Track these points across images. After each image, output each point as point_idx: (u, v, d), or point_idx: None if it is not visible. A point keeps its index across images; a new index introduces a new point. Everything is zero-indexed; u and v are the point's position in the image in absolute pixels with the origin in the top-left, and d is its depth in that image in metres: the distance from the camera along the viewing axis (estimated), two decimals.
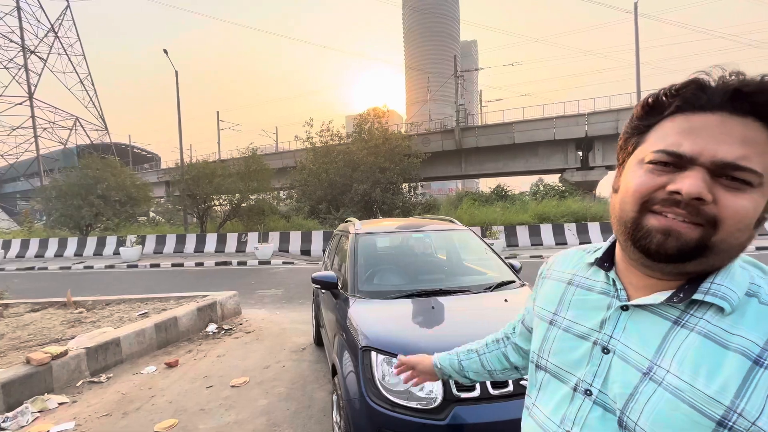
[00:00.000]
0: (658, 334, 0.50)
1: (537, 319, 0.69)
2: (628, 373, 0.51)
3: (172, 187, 18.00)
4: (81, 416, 2.77)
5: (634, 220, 0.49)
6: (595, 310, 0.58)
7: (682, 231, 0.45)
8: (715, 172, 0.45)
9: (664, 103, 0.49)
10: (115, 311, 5.01)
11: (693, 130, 0.46)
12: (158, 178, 31.77)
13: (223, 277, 9.66)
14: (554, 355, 0.62)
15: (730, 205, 0.44)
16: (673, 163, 0.47)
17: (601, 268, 0.60)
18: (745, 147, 0.44)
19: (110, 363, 3.62)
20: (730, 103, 0.45)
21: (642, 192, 0.48)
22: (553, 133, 24.37)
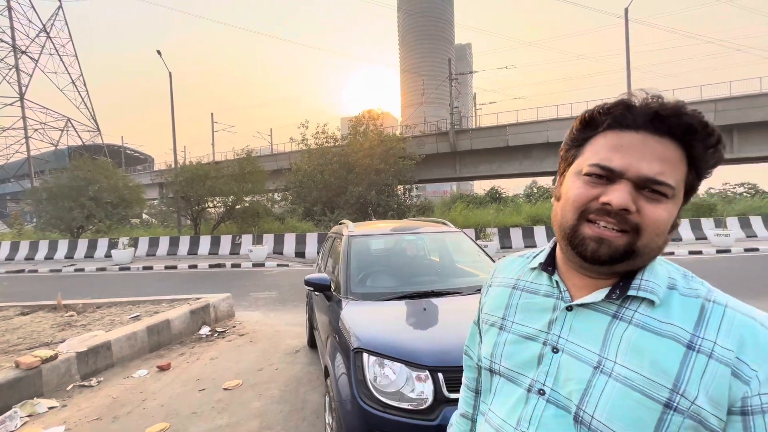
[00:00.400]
0: (600, 328, 0.54)
1: (486, 325, 0.70)
2: (580, 369, 0.54)
3: (165, 189, 17.85)
4: (71, 420, 2.75)
5: (572, 228, 0.55)
6: (542, 312, 0.61)
7: (612, 239, 0.52)
8: (639, 185, 0.51)
9: (597, 119, 0.55)
10: (106, 314, 4.96)
11: (621, 147, 0.52)
12: (151, 179, 31.52)
13: (217, 280, 9.60)
14: (506, 359, 0.63)
15: (650, 215, 0.51)
16: (605, 176, 0.53)
17: (545, 272, 0.64)
18: (662, 164, 0.51)
19: (101, 367, 3.59)
20: (651, 124, 0.51)
21: (580, 202, 0.54)
22: (546, 135, 24.60)
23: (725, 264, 9.03)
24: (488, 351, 0.67)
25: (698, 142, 0.51)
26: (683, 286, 0.54)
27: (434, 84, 66.80)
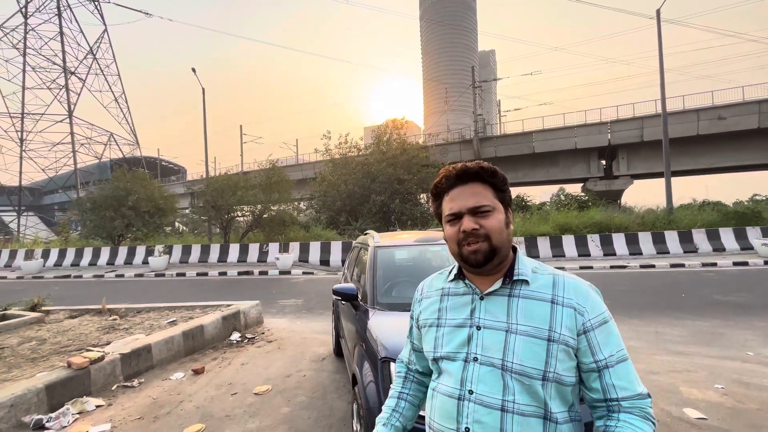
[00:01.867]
0: (503, 305, 0.85)
1: (425, 328, 0.95)
2: (498, 335, 0.82)
3: (196, 199, 18.68)
4: (116, 419, 2.94)
5: (458, 253, 0.87)
6: (465, 306, 0.89)
7: (478, 248, 0.83)
8: (472, 213, 0.85)
9: (438, 191, 0.93)
10: (145, 319, 5.26)
11: (453, 199, 0.88)
12: (185, 189, 33.05)
13: (246, 287, 9.92)
14: (446, 345, 0.88)
15: (487, 224, 0.84)
16: (455, 217, 0.87)
17: (460, 280, 0.93)
18: (476, 196, 0.86)
19: (142, 368, 3.81)
20: (459, 180, 0.88)
21: (453, 237, 0.87)
22: (574, 141, 23.95)
23: None
24: (431, 345, 0.91)
25: (485, 176, 0.87)
26: (540, 269, 0.88)
27: (458, 92, 66.59)
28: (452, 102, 64.66)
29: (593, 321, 0.80)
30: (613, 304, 6.27)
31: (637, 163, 23.68)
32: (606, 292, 6.75)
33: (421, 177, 18.28)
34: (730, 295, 6.61)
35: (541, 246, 13.21)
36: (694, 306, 6.00)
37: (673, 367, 3.63)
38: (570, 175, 25.69)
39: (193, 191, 19.35)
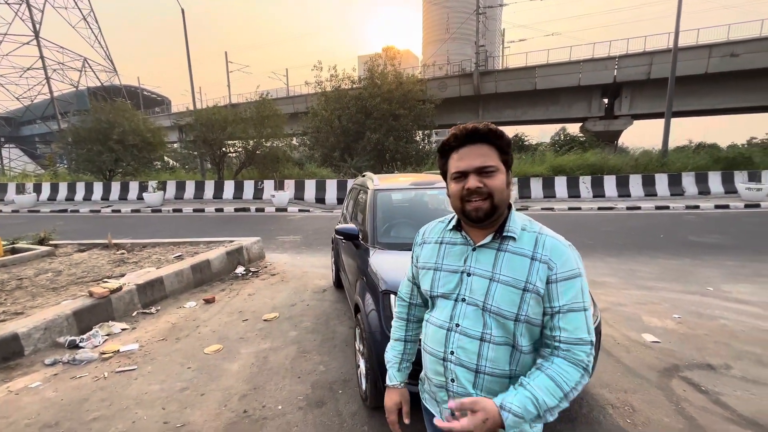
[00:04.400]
0: (491, 257, 0.97)
1: (424, 270, 1.07)
2: (483, 282, 0.95)
3: (185, 133, 18.07)
4: (142, 339, 3.29)
5: (460, 209, 0.96)
6: (460, 255, 1.01)
7: (481, 205, 0.92)
8: (478, 172, 0.93)
9: (445, 149, 0.99)
10: (152, 253, 5.51)
11: (461, 158, 0.95)
12: (171, 122, 31.75)
13: (244, 223, 10.18)
14: (442, 286, 1.02)
15: (491, 184, 0.92)
16: (461, 175, 0.95)
17: (457, 231, 1.03)
18: (482, 157, 0.93)
19: (157, 298, 4.13)
20: (468, 140, 0.94)
21: (457, 194, 0.96)
22: (578, 78, 22.94)
23: (750, 219, 8.87)
24: (428, 285, 1.05)
25: (492, 139, 0.94)
26: (528, 227, 0.98)
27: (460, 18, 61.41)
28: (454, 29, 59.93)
29: (559, 275, 0.90)
30: (596, 243, 6.67)
31: (640, 102, 23.05)
32: (591, 232, 7.08)
33: (417, 113, 17.73)
34: (705, 237, 7.04)
35: (534, 187, 13.45)
36: (670, 246, 6.42)
37: (639, 300, 4.05)
38: (570, 114, 25.06)
39: (181, 125, 18.62)
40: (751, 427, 2.11)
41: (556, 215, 10.39)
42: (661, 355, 2.90)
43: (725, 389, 2.46)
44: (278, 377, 2.70)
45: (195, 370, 2.80)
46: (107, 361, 2.95)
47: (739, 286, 4.38)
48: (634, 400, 2.37)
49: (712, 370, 2.69)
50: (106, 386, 2.61)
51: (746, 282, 4.52)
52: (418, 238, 1.14)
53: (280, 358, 2.97)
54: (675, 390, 2.47)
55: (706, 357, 2.86)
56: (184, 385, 2.61)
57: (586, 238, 7.14)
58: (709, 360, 2.82)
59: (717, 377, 2.60)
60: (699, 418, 2.19)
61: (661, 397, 2.40)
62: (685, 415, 2.23)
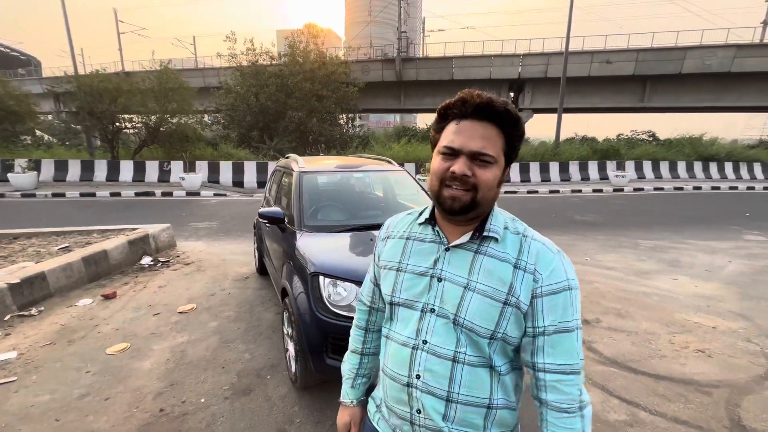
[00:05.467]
0: (467, 261, 0.79)
1: (385, 270, 0.89)
2: (456, 290, 0.78)
3: (63, 103, 15.11)
4: (21, 346, 2.79)
5: (437, 192, 0.78)
6: (429, 254, 0.83)
7: (460, 196, 0.75)
8: (471, 157, 0.74)
9: (446, 113, 0.79)
10: (27, 245, 4.62)
11: (458, 132, 0.76)
12: (44, 88, 26.23)
13: (149, 209, 9.06)
14: (404, 291, 0.84)
15: (481, 176, 0.74)
16: (451, 153, 0.76)
17: (429, 225, 0.86)
18: (484, 141, 0.74)
19: (38, 297, 3.50)
20: (476, 113, 0.75)
21: (439, 173, 0.77)
22: (489, 71, 24.86)
23: (616, 201, 10.80)
24: (389, 289, 0.86)
25: (506, 123, 0.75)
26: (512, 227, 0.81)
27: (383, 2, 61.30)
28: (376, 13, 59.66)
29: (545, 288, 0.75)
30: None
31: (539, 98, 25.98)
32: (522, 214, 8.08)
33: (341, 95, 17.44)
34: (586, 216, 8.39)
35: None
36: (560, 224, 7.52)
37: None
38: None
39: (58, 92, 15.50)
40: (612, 365, 2.66)
41: None
42: None
43: (596, 338, 3.04)
44: (198, 370, 2.55)
45: (96, 374, 2.49)
46: None
47: (607, 256, 5.35)
48: None
49: (587, 324, 3.28)
50: None
51: (613, 252, 5.54)
52: (382, 233, 0.96)
53: (200, 350, 2.79)
54: None
55: (584, 314, 3.48)
56: (84, 392, 2.31)
57: None
58: (586, 316, 3.43)
59: (590, 329, 3.19)
60: None
61: None
62: None
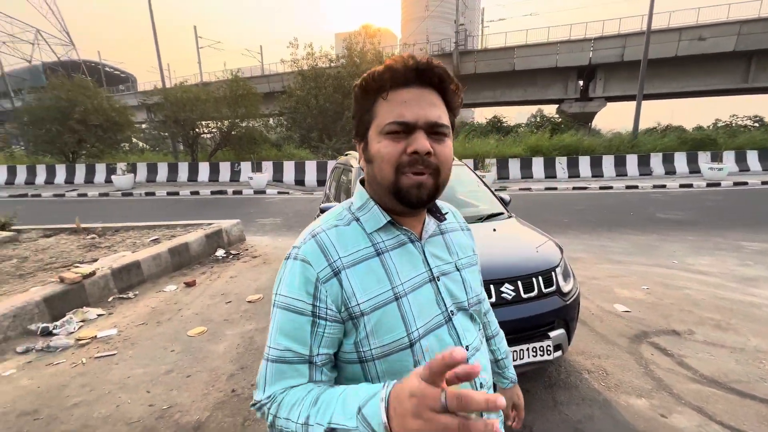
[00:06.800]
0: (442, 244, 0.74)
1: (377, 312, 0.62)
2: (455, 277, 0.72)
3: (154, 113, 17.14)
4: (120, 325, 3.20)
5: (393, 183, 0.62)
6: (414, 258, 0.68)
7: (425, 181, 0.61)
8: (428, 131, 0.61)
9: (374, 85, 0.62)
10: (126, 237, 5.30)
11: (406, 102, 0.60)
12: (138, 101, 30.05)
13: (221, 206, 9.91)
14: (421, 318, 0.64)
15: (441, 153, 0.62)
16: (404, 129, 0.60)
17: (394, 226, 0.68)
18: (437, 109, 0.62)
19: (134, 282, 3.99)
20: (418, 79, 0.61)
21: (393, 158, 0.61)
22: (555, 59, 23.21)
23: (711, 197, 9.41)
24: (398, 330, 0.62)
25: (448, 89, 0.63)
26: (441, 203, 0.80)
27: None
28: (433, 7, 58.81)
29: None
30: (571, 222, 6.91)
31: (614, 85, 23.64)
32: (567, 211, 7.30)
33: None
34: (670, 214, 7.43)
35: (512, 167, 13.69)
36: (639, 223, 6.74)
37: (611, 273, 4.27)
38: (546, 95, 25.44)
39: (149, 104, 17.62)
40: (711, 385, 2.30)
41: (534, 195, 10.66)
42: (632, 323, 3.09)
43: (688, 352, 2.66)
44: None
45: (179, 353, 2.76)
46: (84, 347, 2.85)
47: (700, 259, 4.67)
48: (607, 364, 2.53)
49: (677, 336, 2.88)
50: (86, 372, 2.53)
51: (707, 255, 4.83)
52: (322, 268, 0.61)
53: (266, 338, 2.96)
54: (644, 354, 2.64)
55: (672, 324, 3.07)
56: (169, 368, 2.57)
57: (562, 216, 7.39)
58: (675, 326, 3.02)
59: (681, 342, 2.80)
60: (665, 378, 2.37)
61: (631, 361, 2.57)
62: (653, 376, 2.39)
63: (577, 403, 2.16)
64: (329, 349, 0.62)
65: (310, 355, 0.60)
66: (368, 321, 0.61)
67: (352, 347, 0.63)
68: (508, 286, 1.96)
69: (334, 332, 0.62)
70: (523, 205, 8.50)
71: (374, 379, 0.63)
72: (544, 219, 6.99)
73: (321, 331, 0.61)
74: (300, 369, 0.60)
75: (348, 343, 0.63)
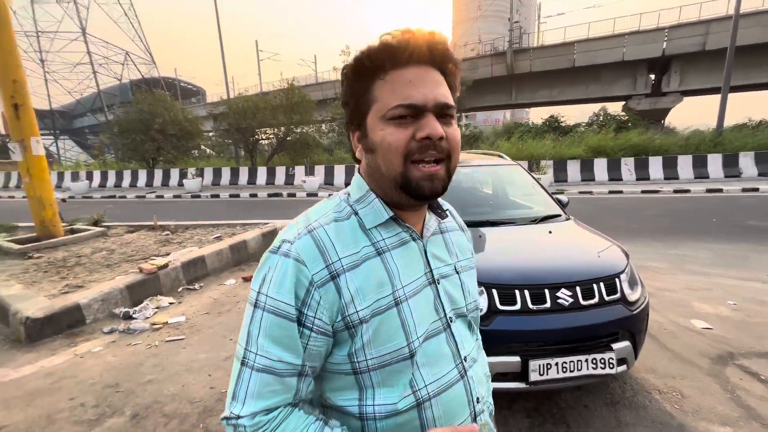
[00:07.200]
0: (442, 244, 0.69)
1: (377, 318, 0.56)
2: (455, 280, 0.67)
3: (219, 122, 18.69)
4: (188, 313, 3.50)
5: (402, 174, 0.55)
6: (415, 257, 0.62)
7: (437, 171, 0.55)
8: (437, 113, 0.55)
9: (369, 66, 0.55)
10: (194, 234, 5.80)
11: (411, 83, 0.54)
12: (206, 112, 32.90)
13: (277, 208, 10.47)
14: (421, 325, 0.59)
15: (452, 137, 0.56)
16: (410, 114, 0.54)
17: (395, 222, 0.61)
18: (444, 88, 0.56)
19: (200, 275, 4.36)
20: (419, 57, 0.55)
21: (401, 147, 0.54)
22: (622, 53, 21.40)
23: None
24: (401, 339, 0.57)
25: (448, 67, 0.58)
26: None
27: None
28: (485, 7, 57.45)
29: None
30: (640, 228, 6.31)
31: (692, 77, 21.22)
32: (634, 216, 6.71)
33: None
34: (765, 221, 6.46)
35: (571, 169, 12.84)
36: (724, 231, 5.95)
37: (689, 286, 3.80)
38: (611, 92, 23.52)
39: (215, 114, 19.24)
40: None
41: (595, 199, 9.89)
42: (714, 342, 2.72)
43: None
44: None
45: (237, 342, 2.94)
46: (158, 331, 3.16)
47: None
48: (683, 386, 2.25)
49: None
50: (158, 353, 2.80)
51: None
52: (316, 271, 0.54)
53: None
54: (730, 378, 2.31)
55: (767, 345, 2.65)
56: (228, 355, 2.75)
57: (629, 222, 6.76)
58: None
59: None
60: (758, 407, 2.05)
61: (713, 384, 2.26)
62: (742, 404, 2.09)
63: (645, 425, 1.95)
64: (314, 363, 0.56)
65: (302, 364, 0.54)
66: (366, 329, 0.55)
67: (345, 358, 0.56)
68: (565, 292, 1.83)
69: (318, 345, 0.55)
70: (584, 208, 7.92)
71: (368, 389, 0.57)
72: (609, 224, 6.45)
73: (305, 342, 0.54)
74: (288, 382, 0.54)
75: (340, 354, 0.56)
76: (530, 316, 1.81)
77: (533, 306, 1.82)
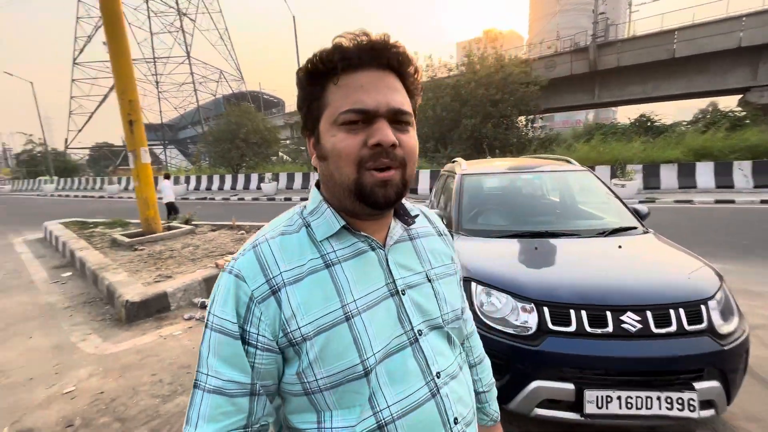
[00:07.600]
0: (411, 252, 0.65)
1: (323, 335, 0.52)
2: (426, 289, 0.63)
3: (295, 130, 20.17)
4: None
5: (355, 182, 0.52)
6: (373, 268, 0.59)
7: (391, 177, 0.52)
8: (390, 119, 0.52)
9: (321, 69, 0.53)
10: None
11: (363, 87, 0.52)
12: (284, 121, 35.75)
13: None
14: (379, 340, 0.55)
15: (407, 144, 0.54)
16: (361, 119, 0.52)
17: (349, 232, 0.58)
18: (399, 94, 0.54)
19: None
20: (374, 60, 0.52)
21: (352, 154, 0.52)
22: (738, 38, 18.21)
23: None
24: (353, 356, 0.53)
25: (407, 71, 0.55)
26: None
27: None
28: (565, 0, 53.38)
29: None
30: (754, 244, 5.31)
31: None
32: (749, 230, 5.73)
33: (518, 97, 16.37)
34: None
35: (665, 175, 11.25)
36: None
37: None
38: (723, 84, 20.10)
39: (291, 123, 20.82)
40: None
41: (697, 209, 8.50)
42: None
43: None
44: None
45: None
46: None
47: None
48: None
49: None
50: None
51: None
52: (254, 283, 0.53)
53: None
54: None
55: None
56: None
57: (741, 236, 5.68)
58: None
59: None
60: None
61: None
62: None
63: None
64: (265, 381, 0.54)
65: (252, 383, 0.52)
66: (311, 346, 0.52)
67: (295, 378, 0.54)
68: (631, 316, 1.59)
69: (266, 363, 0.53)
70: (679, 220, 6.88)
71: (325, 411, 0.54)
72: (711, 239, 5.51)
73: (251, 360, 0.52)
74: (240, 403, 0.52)
75: (289, 373, 0.54)
76: (587, 339, 1.61)
77: (591, 329, 1.61)
